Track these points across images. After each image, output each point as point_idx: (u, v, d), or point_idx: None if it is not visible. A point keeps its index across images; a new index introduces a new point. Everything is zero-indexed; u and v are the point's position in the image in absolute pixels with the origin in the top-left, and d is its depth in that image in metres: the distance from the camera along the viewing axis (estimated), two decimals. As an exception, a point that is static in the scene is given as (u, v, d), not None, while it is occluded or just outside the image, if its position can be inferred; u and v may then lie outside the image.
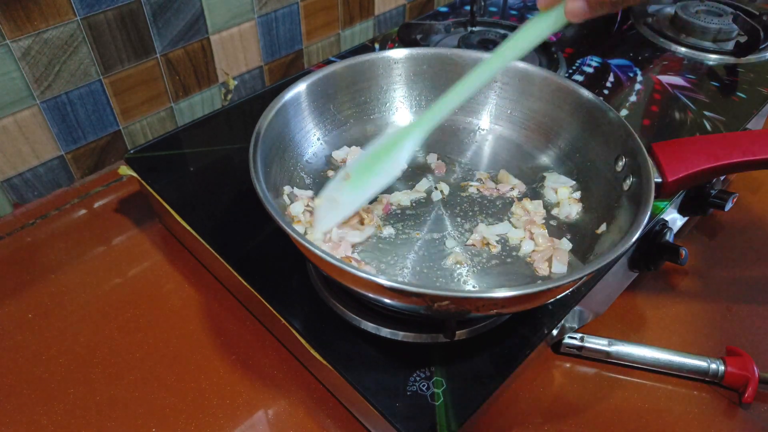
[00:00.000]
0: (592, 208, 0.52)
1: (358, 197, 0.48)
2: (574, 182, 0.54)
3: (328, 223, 0.49)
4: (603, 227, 0.49)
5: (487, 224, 0.51)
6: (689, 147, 0.47)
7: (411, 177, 0.56)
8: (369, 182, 0.48)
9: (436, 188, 0.55)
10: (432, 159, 0.58)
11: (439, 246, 0.50)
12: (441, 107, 0.47)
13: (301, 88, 0.54)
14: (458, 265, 0.48)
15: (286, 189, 0.52)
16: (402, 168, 0.47)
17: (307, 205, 0.51)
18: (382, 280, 0.37)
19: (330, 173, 0.56)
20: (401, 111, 0.61)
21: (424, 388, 0.43)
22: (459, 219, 0.52)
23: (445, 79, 0.60)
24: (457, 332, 0.45)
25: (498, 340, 0.47)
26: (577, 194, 0.53)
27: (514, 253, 0.50)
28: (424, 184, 0.55)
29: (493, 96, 0.61)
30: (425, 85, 0.61)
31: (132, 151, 0.62)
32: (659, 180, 0.46)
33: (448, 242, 0.50)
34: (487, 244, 0.50)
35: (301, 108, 0.55)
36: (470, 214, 0.53)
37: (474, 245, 0.50)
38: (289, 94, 0.53)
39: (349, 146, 0.58)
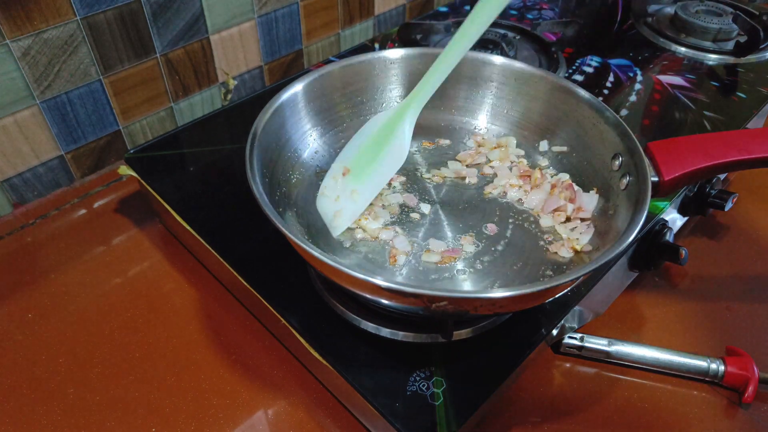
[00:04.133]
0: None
1: (368, 191, 0.48)
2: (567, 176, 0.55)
3: (343, 223, 0.48)
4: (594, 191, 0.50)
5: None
6: (686, 146, 0.47)
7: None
8: (375, 173, 0.47)
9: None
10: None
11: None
12: (431, 80, 0.46)
13: (297, 88, 0.54)
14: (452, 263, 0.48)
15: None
16: (407, 153, 0.47)
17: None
18: (379, 281, 0.37)
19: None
20: (399, 111, 0.61)
21: (423, 388, 0.43)
22: (454, 217, 0.52)
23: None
24: (457, 332, 0.45)
25: (498, 340, 0.47)
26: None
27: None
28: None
29: (489, 96, 0.60)
30: None
31: (132, 151, 0.62)
32: (656, 179, 0.46)
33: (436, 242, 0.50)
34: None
35: (298, 108, 0.55)
36: (465, 209, 0.53)
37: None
38: (286, 95, 0.53)
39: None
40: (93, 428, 0.47)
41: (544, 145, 0.58)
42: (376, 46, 0.81)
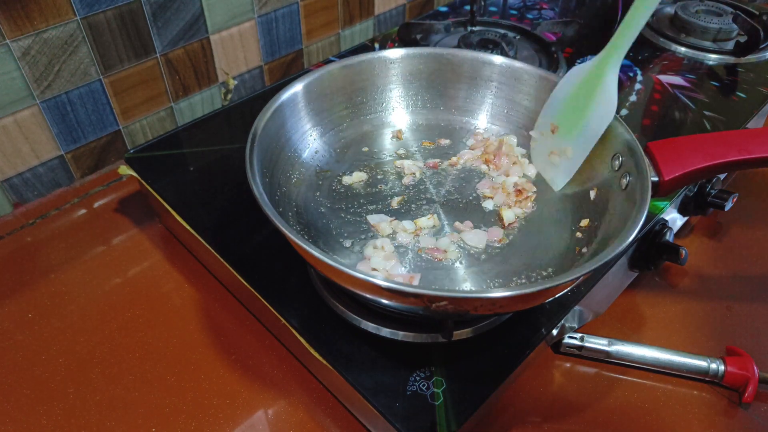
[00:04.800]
0: (590, 206, 0.52)
1: (581, 147, 0.47)
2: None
3: (563, 180, 0.49)
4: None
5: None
6: (685, 146, 0.47)
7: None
8: (586, 128, 0.46)
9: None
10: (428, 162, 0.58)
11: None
12: (632, 24, 0.44)
13: (297, 88, 0.54)
14: (454, 261, 0.48)
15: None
16: (615, 105, 0.45)
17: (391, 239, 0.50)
18: (379, 281, 0.37)
19: (328, 173, 0.56)
20: (398, 111, 0.62)
21: (423, 388, 0.43)
22: (453, 215, 0.52)
23: (441, 79, 0.61)
24: (457, 332, 0.45)
25: (498, 340, 0.47)
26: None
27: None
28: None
29: (489, 96, 0.61)
30: (421, 85, 0.61)
31: (132, 151, 0.62)
32: (656, 179, 0.46)
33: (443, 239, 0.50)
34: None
35: (298, 108, 0.55)
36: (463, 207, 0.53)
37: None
38: (286, 95, 0.53)
39: (353, 171, 0.56)
40: (93, 428, 0.47)
41: None
42: (376, 46, 0.81)
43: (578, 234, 0.50)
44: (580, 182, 0.54)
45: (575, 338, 0.52)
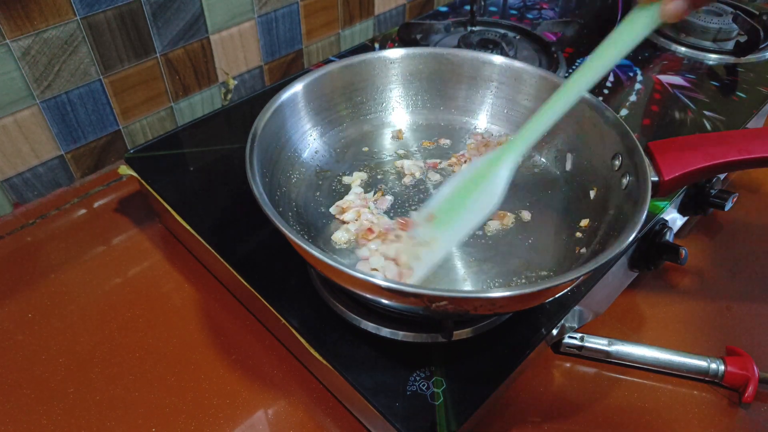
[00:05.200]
0: (590, 206, 0.52)
1: (452, 237, 0.44)
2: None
3: (424, 270, 0.44)
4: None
5: None
6: (686, 146, 0.47)
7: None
8: (462, 220, 0.44)
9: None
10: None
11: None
12: (536, 126, 0.43)
13: (297, 88, 0.54)
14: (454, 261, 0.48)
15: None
16: (499, 199, 0.43)
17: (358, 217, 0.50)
18: (379, 281, 0.37)
19: (328, 173, 0.56)
20: (398, 110, 0.62)
21: (423, 388, 0.43)
22: None
23: (441, 79, 0.61)
24: (457, 332, 0.45)
25: (498, 340, 0.47)
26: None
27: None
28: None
29: (489, 96, 0.61)
30: (421, 85, 0.61)
31: (132, 151, 0.62)
32: (656, 179, 0.46)
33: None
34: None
35: (298, 108, 0.55)
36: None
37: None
38: (286, 95, 0.53)
39: (353, 171, 0.57)
40: (93, 428, 0.47)
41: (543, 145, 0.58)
42: (376, 46, 0.81)
43: (578, 234, 0.50)
44: (581, 183, 0.54)
45: (575, 338, 0.52)
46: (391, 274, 0.44)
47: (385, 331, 0.46)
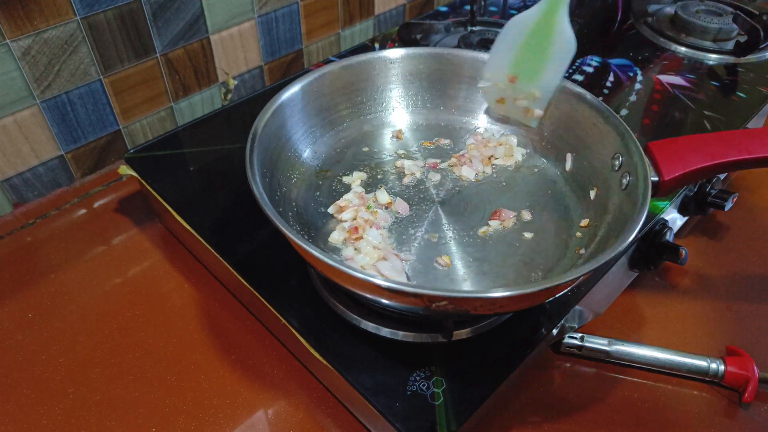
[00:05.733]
0: (590, 206, 0.52)
1: (548, 88, 0.47)
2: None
3: (538, 115, 0.49)
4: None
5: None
6: (685, 146, 0.47)
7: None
8: (549, 69, 0.46)
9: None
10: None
11: (437, 244, 0.50)
12: None
13: (297, 88, 0.54)
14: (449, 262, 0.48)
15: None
16: (575, 41, 0.45)
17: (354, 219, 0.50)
18: (379, 281, 0.37)
19: (328, 173, 0.56)
20: (398, 111, 0.62)
21: (423, 388, 0.43)
22: (455, 217, 0.52)
23: (441, 79, 0.61)
24: (457, 332, 0.45)
25: (498, 340, 0.47)
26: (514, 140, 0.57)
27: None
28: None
29: (490, 96, 0.61)
30: (421, 85, 0.61)
31: (132, 151, 0.62)
32: (656, 179, 0.46)
33: (448, 243, 0.50)
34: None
35: (298, 108, 0.55)
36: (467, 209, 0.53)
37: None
38: (286, 95, 0.53)
39: (353, 171, 0.57)
40: (93, 428, 0.47)
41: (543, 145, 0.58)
42: (376, 46, 0.81)
43: (578, 234, 0.50)
44: (581, 183, 0.54)
45: (575, 338, 0.52)
46: (387, 270, 0.45)
47: (385, 331, 0.46)
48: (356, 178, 0.55)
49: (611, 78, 0.75)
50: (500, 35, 0.50)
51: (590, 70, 0.77)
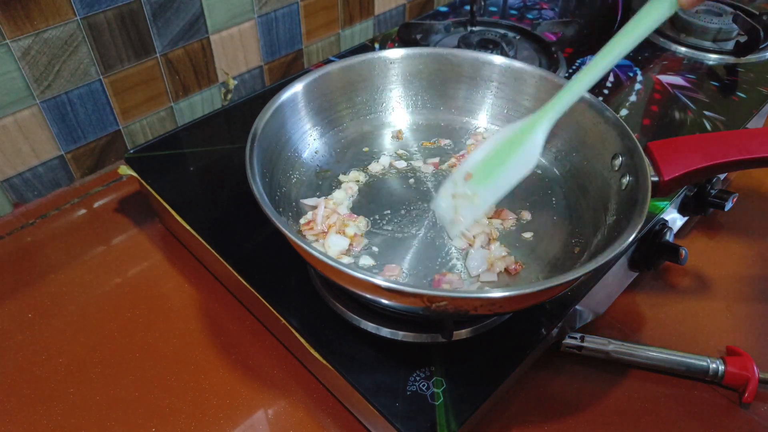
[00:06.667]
0: (590, 206, 0.52)
1: (489, 194, 0.47)
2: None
3: (461, 226, 0.48)
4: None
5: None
6: (685, 146, 0.47)
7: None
8: (499, 177, 0.46)
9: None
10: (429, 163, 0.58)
11: (437, 244, 0.50)
12: (568, 94, 0.45)
13: (297, 88, 0.54)
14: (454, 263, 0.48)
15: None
16: (536, 160, 0.45)
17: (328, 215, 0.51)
18: (379, 281, 0.37)
19: (328, 173, 0.56)
20: (398, 111, 0.62)
21: (423, 388, 0.43)
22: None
23: (441, 79, 0.61)
24: (457, 332, 0.45)
25: (498, 339, 0.47)
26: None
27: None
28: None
29: (489, 96, 0.61)
30: (421, 85, 0.61)
31: (132, 151, 0.62)
32: (656, 179, 0.46)
33: (446, 243, 0.50)
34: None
35: (298, 108, 0.55)
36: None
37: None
38: (286, 95, 0.53)
39: (353, 170, 0.57)
40: (93, 428, 0.47)
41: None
42: (376, 46, 0.81)
43: (578, 234, 0.50)
44: (581, 183, 0.54)
45: (575, 338, 0.52)
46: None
47: (385, 331, 0.46)
48: (352, 177, 0.55)
49: (611, 78, 0.75)
50: (486, 140, 0.50)
51: (590, 70, 0.77)
